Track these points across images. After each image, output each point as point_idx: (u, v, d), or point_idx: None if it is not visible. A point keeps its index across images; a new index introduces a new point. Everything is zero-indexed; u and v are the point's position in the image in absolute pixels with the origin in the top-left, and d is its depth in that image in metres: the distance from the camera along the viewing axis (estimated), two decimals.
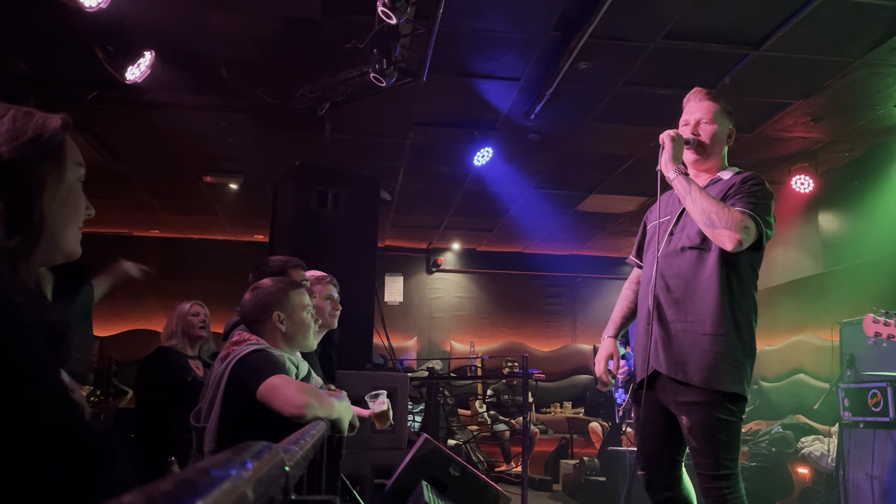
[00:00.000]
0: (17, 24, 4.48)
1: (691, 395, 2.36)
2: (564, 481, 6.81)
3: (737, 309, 2.39)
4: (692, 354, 2.37)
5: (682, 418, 2.39)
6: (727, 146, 2.65)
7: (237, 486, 0.43)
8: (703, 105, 2.63)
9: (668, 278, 2.48)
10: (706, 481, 2.36)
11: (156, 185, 7.89)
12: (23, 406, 0.88)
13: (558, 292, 10.98)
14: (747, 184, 2.46)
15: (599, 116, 5.77)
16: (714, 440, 2.33)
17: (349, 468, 3.49)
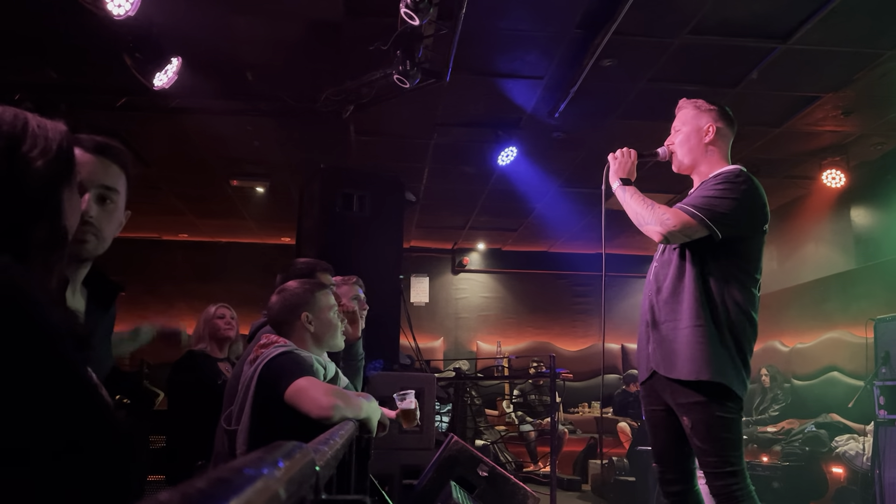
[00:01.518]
0: (47, 33, 4.57)
1: (689, 395, 2.42)
2: (593, 481, 6.77)
3: (715, 303, 2.44)
4: (678, 350, 2.45)
5: (684, 419, 2.44)
6: (711, 142, 2.64)
7: (269, 485, 0.43)
8: (679, 113, 2.73)
9: (660, 281, 2.57)
10: (714, 479, 2.40)
11: (184, 189, 8.00)
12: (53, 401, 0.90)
13: (585, 291, 10.91)
14: (715, 180, 2.52)
15: (624, 114, 5.73)
16: (715, 438, 2.38)
17: (377, 468, 3.50)
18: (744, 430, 6.80)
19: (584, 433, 8.54)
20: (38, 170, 1.03)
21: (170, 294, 9.78)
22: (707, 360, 2.39)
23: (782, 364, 7.66)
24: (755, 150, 6.50)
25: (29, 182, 1.02)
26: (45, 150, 1.05)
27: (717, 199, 2.42)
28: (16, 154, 1.02)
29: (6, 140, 1.02)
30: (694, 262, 2.46)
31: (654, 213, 2.45)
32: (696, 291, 2.44)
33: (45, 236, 1.03)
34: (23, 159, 1.02)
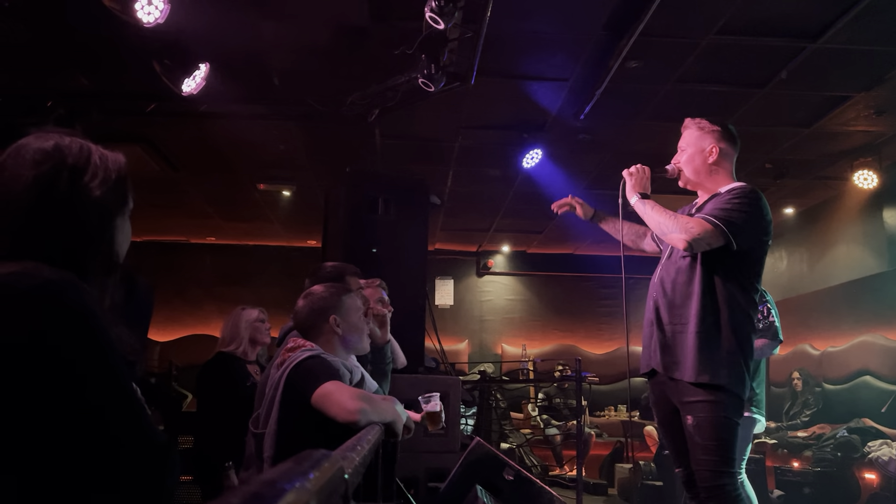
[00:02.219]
0: (79, 42, 4.65)
1: (695, 394, 2.50)
2: (620, 485, 6.71)
3: (721, 309, 2.54)
4: (683, 352, 2.54)
5: (688, 417, 2.52)
6: (714, 163, 2.75)
7: (301, 498, 0.44)
8: (684, 134, 2.85)
9: (665, 284, 2.68)
10: (711, 479, 2.46)
11: (211, 193, 8.09)
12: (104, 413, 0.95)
13: (611, 294, 10.83)
14: (730, 194, 2.63)
15: (651, 115, 5.69)
16: (719, 437, 2.45)
17: (403, 472, 3.51)
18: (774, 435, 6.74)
19: (610, 437, 8.47)
20: (96, 199, 1.11)
21: (198, 297, 9.92)
22: (714, 362, 2.49)
23: (813, 368, 7.53)
24: (784, 151, 6.41)
25: (88, 210, 1.09)
26: (105, 180, 1.13)
27: (734, 211, 2.54)
28: (78, 183, 1.10)
29: (70, 171, 1.10)
30: (703, 269, 2.57)
31: (678, 222, 2.56)
32: (703, 296, 2.55)
33: (100, 260, 1.11)
34: (84, 188, 1.10)
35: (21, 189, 1.06)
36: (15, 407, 0.91)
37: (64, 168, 1.09)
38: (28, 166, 1.08)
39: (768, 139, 6.15)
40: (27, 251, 1.02)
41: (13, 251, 1.01)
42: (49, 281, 0.97)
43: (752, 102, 5.40)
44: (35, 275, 0.97)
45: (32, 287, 0.96)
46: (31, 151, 1.09)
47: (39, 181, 1.07)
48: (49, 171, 1.08)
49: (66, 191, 1.08)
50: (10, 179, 1.07)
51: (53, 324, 0.95)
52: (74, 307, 0.98)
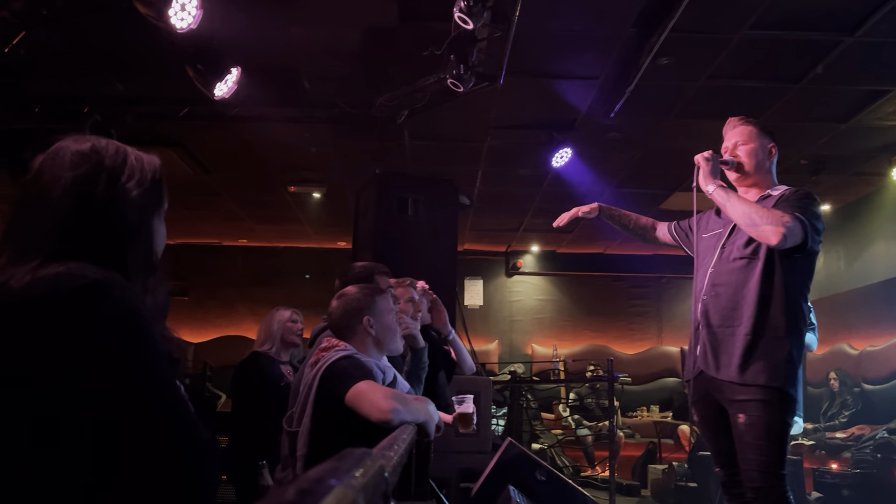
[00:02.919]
0: (114, 48, 4.74)
1: (748, 393, 2.47)
2: (653, 486, 6.65)
3: (779, 313, 2.52)
4: (740, 353, 2.50)
5: (739, 416, 2.48)
6: (771, 162, 2.75)
7: (348, 494, 0.44)
8: (737, 130, 2.78)
9: (718, 287, 2.63)
10: (762, 480, 2.42)
11: (243, 196, 8.19)
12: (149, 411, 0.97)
13: (643, 293, 10.74)
14: (797, 194, 2.60)
15: (682, 112, 5.62)
16: (773, 439, 2.42)
17: (434, 472, 3.51)
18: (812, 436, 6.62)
19: (642, 437, 8.40)
20: (134, 199, 1.13)
21: (231, 298, 10.05)
22: (775, 364, 2.46)
23: (851, 368, 7.38)
24: (821, 147, 6.29)
25: (127, 210, 1.11)
26: (141, 181, 1.15)
27: (808, 211, 2.51)
28: (116, 184, 1.12)
29: (108, 172, 1.12)
30: (765, 270, 2.54)
31: (771, 214, 2.47)
32: (764, 298, 2.51)
33: (140, 260, 1.12)
34: (122, 189, 1.12)
35: (60, 191, 1.08)
36: (63, 403, 0.93)
37: (102, 170, 1.11)
38: (66, 168, 1.09)
39: (804, 135, 6.04)
40: (69, 253, 1.03)
41: (56, 253, 1.03)
42: (96, 280, 0.99)
43: (787, 98, 5.31)
44: (81, 275, 0.99)
45: (80, 287, 0.97)
46: (68, 154, 1.11)
47: (78, 183, 1.09)
48: (87, 173, 1.10)
49: (105, 192, 1.10)
50: (50, 182, 1.09)
51: (101, 322, 0.97)
52: (121, 306, 0.99)
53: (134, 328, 1.00)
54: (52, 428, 0.93)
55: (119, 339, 0.98)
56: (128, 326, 0.99)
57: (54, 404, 0.93)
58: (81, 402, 0.93)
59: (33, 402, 0.93)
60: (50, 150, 1.13)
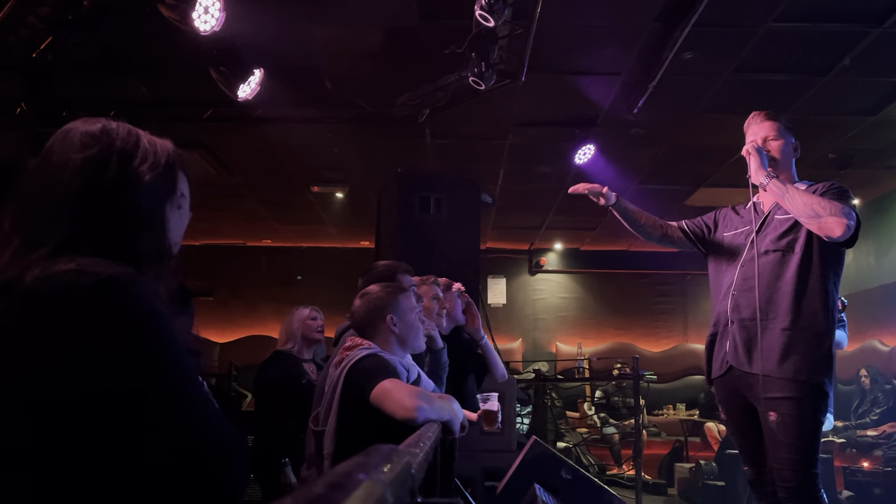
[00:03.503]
0: (138, 52, 4.80)
1: (782, 390, 2.42)
2: (680, 485, 6.59)
3: (817, 307, 2.47)
4: (777, 349, 2.45)
5: (770, 414, 2.44)
6: (797, 156, 2.75)
7: (377, 489, 0.44)
8: (765, 125, 2.74)
9: (750, 280, 2.57)
10: (793, 479, 2.38)
11: (267, 196, 8.25)
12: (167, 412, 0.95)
13: (668, 290, 10.64)
14: (833, 189, 2.55)
15: (706, 107, 5.56)
16: (805, 436, 2.38)
17: (459, 470, 3.50)
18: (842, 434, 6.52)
19: (668, 435, 8.32)
20: (147, 183, 1.08)
21: (254, 298, 10.13)
22: (815, 360, 2.43)
23: (883, 364, 7.25)
24: (848, 141, 6.19)
25: (139, 194, 1.06)
26: (154, 164, 1.10)
27: (851, 204, 2.49)
28: (128, 168, 1.07)
29: (119, 154, 1.07)
30: (802, 264, 2.50)
31: (833, 205, 2.43)
32: (800, 296, 2.48)
33: (153, 248, 1.07)
34: (134, 173, 1.07)
35: (69, 174, 1.03)
36: (78, 406, 0.90)
37: (113, 151, 1.06)
38: (76, 150, 1.05)
39: (832, 128, 5.94)
40: (79, 241, 0.99)
41: (65, 241, 0.99)
42: (108, 277, 0.94)
43: (814, 91, 5.23)
44: (92, 272, 0.94)
45: (92, 285, 0.93)
46: (78, 135, 1.07)
47: (88, 164, 1.04)
48: (97, 155, 1.05)
49: (116, 175, 1.05)
50: (59, 164, 1.04)
51: (114, 323, 0.93)
52: (135, 303, 0.96)
53: (149, 326, 0.96)
54: (68, 427, 0.90)
55: (135, 337, 0.94)
56: (143, 324, 0.95)
57: (70, 405, 0.90)
58: (99, 402, 0.90)
59: (48, 401, 0.91)
60: (59, 131, 1.09)
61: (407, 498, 0.63)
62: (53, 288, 0.93)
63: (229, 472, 0.98)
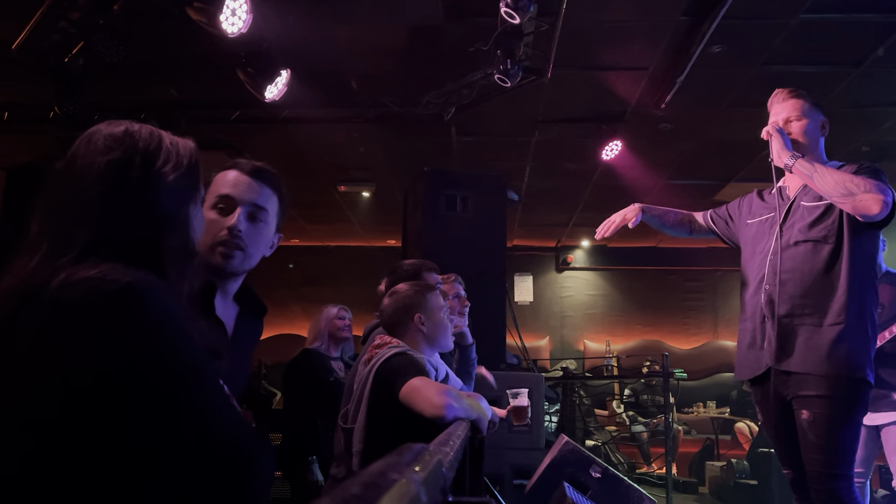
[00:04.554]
0: (168, 55, 4.87)
1: (815, 388, 2.33)
2: (711, 484, 6.51)
3: (858, 298, 2.35)
4: (816, 346, 2.34)
5: (803, 412, 2.34)
6: (825, 134, 2.60)
7: (410, 488, 0.44)
8: (788, 104, 2.62)
9: (783, 273, 2.45)
10: (822, 480, 2.31)
11: (294, 196, 8.19)
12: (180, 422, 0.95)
13: (697, 287, 10.52)
14: (865, 168, 2.41)
15: (736, 100, 5.48)
16: (836, 436, 2.29)
17: (488, 469, 3.50)
18: None
19: (699, 434, 8.24)
20: (170, 184, 1.09)
21: (284, 298, 10.21)
22: (858, 355, 2.32)
23: None
24: (883, 133, 6.06)
25: (162, 195, 1.08)
26: (177, 165, 1.11)
27: (885, 182, 2.35)
28: (151, 169, 1.08)
29: (142, 155, 1.08)
30: (838, 256, 2.37)
31: (867, 182, 2.29)
32: (840, 288, 2.35)
33: (177, 248, 1.09)
34: (157, 174, 1.08)
35: (94, 177, 1.04)
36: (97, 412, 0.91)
37: (136, 153, 1.07)
38: (100, 152, 1.06)
39: (865, 120, 5.83)
40: (104, 244, 1.00)
41: (91, 245, 1.00)
42: (127, 285, 0.95)
43: (847, 83, 5.13)
44: (112, 279, 0.95)
45: (111, 293, 0.94)
46: (101, 138, 1.08)
47: (112, 167, 1.05)
48: (120, 157, 1.06)
49: (139, 176, 1.06)
50: (83, 168, 1.06)
51: (132, 329, 0.94)
52: (153, 310, 0.96)
53: (166, 332, 0.96)
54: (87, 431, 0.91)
55: (152, 343, 0.95)
56: (160, 331, 0.96)
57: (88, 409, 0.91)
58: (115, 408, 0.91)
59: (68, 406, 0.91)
60: (83, 135, 1.10)
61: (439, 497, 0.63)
62: (76, 296, 0.94)
63: (247, 476, 0.98)
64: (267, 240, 1.55)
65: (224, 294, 1.50)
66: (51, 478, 0.91)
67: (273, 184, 1.56)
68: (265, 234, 1.53)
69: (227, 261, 1.44)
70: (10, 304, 0.97)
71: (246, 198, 1.49)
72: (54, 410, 0.92)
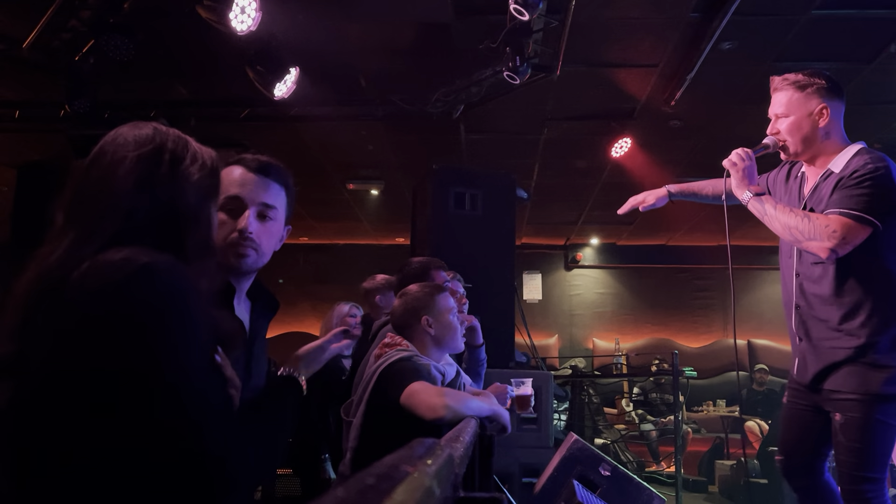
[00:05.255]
0: (177, 53, 4.88)
1: (848, 391, 2.26)
2: (721, 483, 6.48)
3: (878, 310, 2.24)
4: (839, 363, 2.27)
5: (836, 415, 2.28)
6: (826, 126, 2.35)
7: (424, 480, 0.44)
8: (775, 98, 2.43)
9: (808, 295, 2.38)
10: (849, 482, 2.26)
11: (304, 194, 8.27)
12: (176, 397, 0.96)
13: (707, 285, 10.48)
14: (853, 177, 2.23)
15: (747, 97, 5.45)
16: (864, 439, 2.22)
17: (497, 467, 3.51)
18: None
19: (708, 433, 8.20)
20: (195, 183, 1.14)
21: (293, 295, 10.23)
22: (875, 375, 2.23)
23: None
24: (895, 130, 6.02)
25: (188, 192, 1.12)
26: (202, 166, 1.16)
27: (867, 194, 2.19)
28: (179, 167, 1.13)
29: (171, 154, 1.13)
30: (846, 270, 2.27)
31: (816, 225, 2.19)
32: (854, 303, 2.26)
33: (199, 244, 1.13)
34: (185, 171, 1.13)
35: (124, 171, 1.08)
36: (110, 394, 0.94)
37: (165, 151, 1.12)
38: (131, 148, 1.10)
39: (877, 117, 5.79)
40: (130, 235, 1.04)
41: (117, 236, 1.03)
42: (145, 265, 0.98)
43: (859, 79, 5.09)
44: (133, 259, 0.98)
45: (130, 274, 0.97)
46: (132, 136, 1.12)
47: (142, 162, 1.09)
48: (151, 153, 1.11)
49: (168, 173, 1.11)
50: (113, 163, 1.09)
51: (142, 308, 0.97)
52: (166, 288, 0.99)
53: (174, 311, 0.99)
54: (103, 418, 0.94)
55: (155, 324, 0.97)
56: (168, 310, 0.98)
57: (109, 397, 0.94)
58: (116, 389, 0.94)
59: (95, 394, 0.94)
60: (108, 135, 1.14)
61: (450, 491, 0.63)
62: (95, 280, 0.97)
63: (227, 469, 0.98)
64: (278, 235, 1.57)
65: (238, 292, 1.52)
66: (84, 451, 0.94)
67: (280, 179, 1.57)
68: (275, 230, 1.55)
69: (241, 259, 1.46)
70: (36, 292, 1.00)
71: (254, 198, 1.50)
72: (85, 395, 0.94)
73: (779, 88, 2.42)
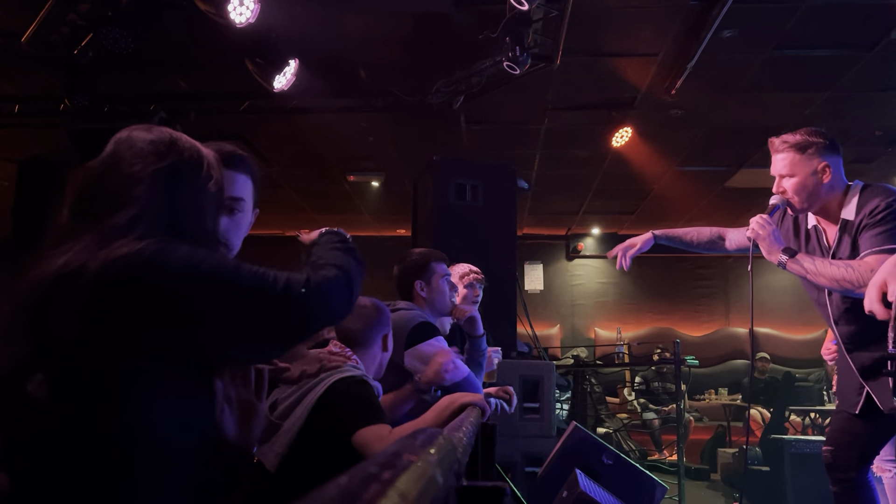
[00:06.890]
0: (176, 46, 4.87)
1: None
2: (723, 470, 6.51)
3: None
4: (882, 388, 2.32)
5: None
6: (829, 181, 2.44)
7: (427, 469, 0.44)
8: (777, 159, 2.51)
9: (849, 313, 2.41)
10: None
11: (304, 186, 8.32)
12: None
13: (709, 274, 10.48)
14: (873, 217, 2.31)
15: (748, 86, 5.43)
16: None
17: (499, 456, 3.52)
18: None
19: (710, 421, 8.23)
20: (210, 197, 1.21)
21: None
22: None
23: None
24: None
25: (204, 209, 1.19)
26: (210, 165, 1.22)
27: (893, 227, 2.27)
28: (199, 175, 1.19)
29: (188, 170, 1.19)
30: None
31: (861, 272, 2.23)
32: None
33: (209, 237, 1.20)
34: (199, 190, 1.20)
35: (144, 185, 1.13)
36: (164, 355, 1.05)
37: (182, 165, 1.18)
38: (150, 161, 1.15)
39: (878, 104, 5.76)
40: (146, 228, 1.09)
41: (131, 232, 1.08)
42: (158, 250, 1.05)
43: (860, 66, 5.07)
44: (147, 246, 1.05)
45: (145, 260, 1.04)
46: (147, 144, 1.16)
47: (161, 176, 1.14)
48: (169, 169, 1.16)
49: (186, 191, 1.17)
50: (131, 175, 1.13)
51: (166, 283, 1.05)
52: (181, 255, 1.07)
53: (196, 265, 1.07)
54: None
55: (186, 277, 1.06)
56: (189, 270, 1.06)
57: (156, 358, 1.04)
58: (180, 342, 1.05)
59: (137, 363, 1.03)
60: (122, 136, 1.18)
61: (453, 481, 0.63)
62: (115, 268, 1.02)
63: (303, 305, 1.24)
64: (247, 224, 1.57)
65: None
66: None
67: (245, 168, 1.56)
68: (244, 221, 1.56)
69: None
70: (47, 288, 1.04)
71: None
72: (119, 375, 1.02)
73: (779, 150, 2.50)
